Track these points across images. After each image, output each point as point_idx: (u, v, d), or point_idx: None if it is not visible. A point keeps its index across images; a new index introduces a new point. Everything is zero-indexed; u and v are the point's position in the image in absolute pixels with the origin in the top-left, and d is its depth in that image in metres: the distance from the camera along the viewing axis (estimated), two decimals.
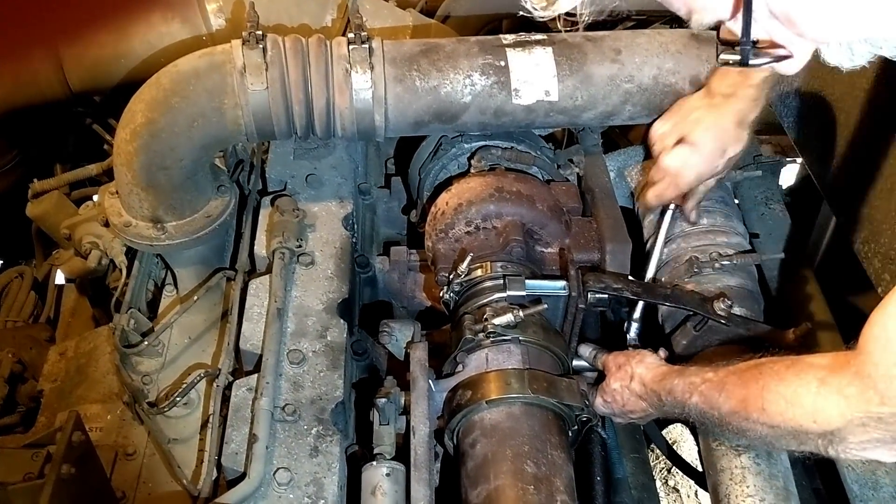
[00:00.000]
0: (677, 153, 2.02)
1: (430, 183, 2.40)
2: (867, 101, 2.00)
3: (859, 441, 1.31)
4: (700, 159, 2.00)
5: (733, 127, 1.97)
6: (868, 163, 1.97)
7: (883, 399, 1.24)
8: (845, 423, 1.30)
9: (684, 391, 1.61)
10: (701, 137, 1.99)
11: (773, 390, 1.41)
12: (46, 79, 2.62)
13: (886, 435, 1.28)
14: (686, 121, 2.03)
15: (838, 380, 1.30)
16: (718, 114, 1.97)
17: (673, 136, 2.04)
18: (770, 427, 1.43)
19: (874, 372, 1.24)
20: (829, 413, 1.31)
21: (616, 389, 1.82)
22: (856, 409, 1.27)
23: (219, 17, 2.60)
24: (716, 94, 1.98)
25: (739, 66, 1.17)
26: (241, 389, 1.82)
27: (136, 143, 1.94)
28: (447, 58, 2.07)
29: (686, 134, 2.01)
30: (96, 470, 1.75)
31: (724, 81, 1.95)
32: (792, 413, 1.37)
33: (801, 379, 1.37)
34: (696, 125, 2.00)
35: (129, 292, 2.21)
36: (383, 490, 1.66)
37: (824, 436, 1.34)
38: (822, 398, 1.32)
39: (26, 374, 2.46)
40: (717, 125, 1.97)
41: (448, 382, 1.87)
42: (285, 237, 2.05)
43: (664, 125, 2.09)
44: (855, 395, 1.27)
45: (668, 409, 1.70)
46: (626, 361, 1.83)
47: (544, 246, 2.17)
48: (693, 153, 2.00)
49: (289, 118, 2.01)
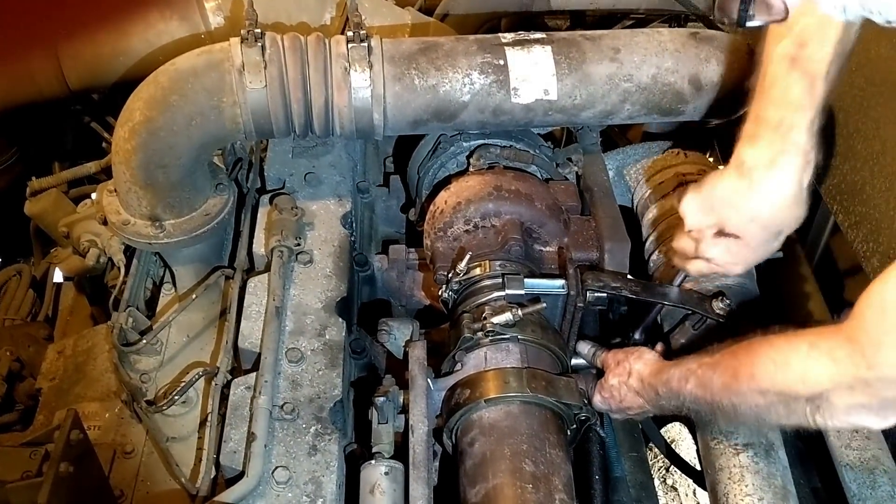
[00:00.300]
0: (723, 248, 1.70)
1: (428, 181, 2.40)
2: (866, 99, 2.00)
3: (846, 405, 1.31)
4: (750, 252, 1.70)
5: (790, 203, 1.59)
6: (867, 161, 1.98)
7: (870, 363, 1.25)
8: (833, 386, 1.31)
9: (680, 378, 1.61)
10: (746, 230, 1.64)
11: (764, 355, 1.42)
12: (45, 77, 2.62)
13: (872, 400, 1.29)
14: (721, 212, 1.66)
15: (828, 343, 1.31)
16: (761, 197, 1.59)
17: (711, 228, 1.70)
18: (759, 393, 1.43)
19: (864, 337, 1.25)
20: (818, 375, 1.32)
21: (614, 385, 1.82)
22: (844, 371, 1.28)
23: (217, 15, 2.60)
24: (752, 170, 1.58)
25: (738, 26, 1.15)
26: (239, 388, 1.82)
27: (135, 142, 1.94)
28: (446, 56, 2.07)
29: (725, 224, 1.67)
30: (95, 468, 1.75)
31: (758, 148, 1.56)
32: (782, 376, 1.38)
33: (792, 343, 1.38)
34: (736, 214, 1.63)
35: (128, 290, 2.21)
36: (382, 489, 1.66)
37: (812, 400, 1.34)
38: (813, 360, 1.33)
39: (24, 373, 2.46)
40: (763, 212, 1.61)
41: (447, 381, 1.88)
42: (284, 235, 2.05)
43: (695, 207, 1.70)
44: (844, 357, 1.28)
45: (664, 404, 1.70)
46: (624, 358, 1.83)
47: (543, 245, 2.17)
48: (741, 247, 1.68)
49: (287, 116, 2.01)
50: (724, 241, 1.69)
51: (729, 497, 1.77)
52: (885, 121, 1.92)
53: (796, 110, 1.52)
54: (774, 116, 1.53)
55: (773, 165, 1.55)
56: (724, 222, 1.66)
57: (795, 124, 1.52)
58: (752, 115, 1.58)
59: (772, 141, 1.54)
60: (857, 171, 2.02)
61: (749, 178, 1.58)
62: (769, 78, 1.54)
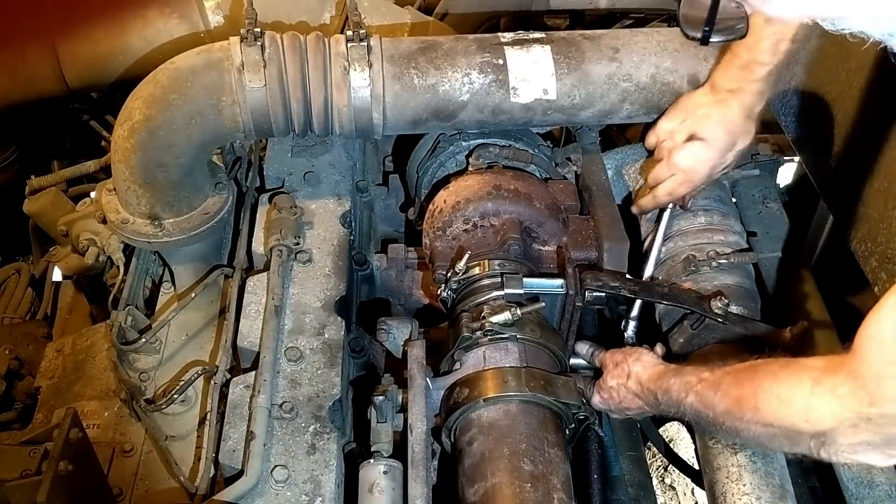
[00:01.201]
0: (690, 149, 2.03)
1: (427, 181, 2.40)
2: (864, 100, 2.01)
3: (850, 443, 1.31)
4: (713, 154, 2.01)
5: (742, 120, 1.98)
6: (865, 162, 1.98)
7: (872, 400, 1.24)
8: (836, 424, 1.30)
9: (680, 391, 1.62)
10: (712, 132, 2.00)
11: (768, 389, 1.41)
12: (44, 75, 2.61)
13: (876, 437, 1.28)
14: (694, 117, 2.03)
15: (832, 380, 1.31)
16: (726, 108, 1.98)
17: (682, 133, 2.04)
18: (763, 426, 1.43)
19: (866, 372, 1.25)
20: (822, 413, 1.31)
21: (613, 387, 1.83)
22: (847, 409, 1.28)
23: (217, 13, 2.60)
24: (720, 90, 1.98)
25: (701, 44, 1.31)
26: (238, 387, 1.83)
27: (134, 140, 1.94)
28: (445, 56, 2.07)
29: (696, 130, 2.02)
30: (94, 467, 1.75)
31: (728, 77, 1.96)
32: (785, 412, 1.37)
33: (796, 378, 1.37)
34: (705, 120, 2.01)
35: (127, 289, 2.21)
36: (381, 488, 1.67)
37: (816, 437, 1.34)
38: (816, 398, 1.32)
39: (23, 371, 2.45)
40: (726, 119, 1.98)
41: (445, 380, 1.88)
42: (283, 234, 2.05)
43: (670, 123, 2.08)
44: (847, 395, 1.27)
45: (663, 408, 1.71)
46: (623, 359, 1.83)
47: (542, 244, 2.17)
48: (706, 148, 2.01)
49: (287, 116, 2.01)
50: (692, 144, 2.02)
51: (727, 496, 1.77)
52: (883, 121, 1.92)
53: (759, 59, 1.86)
54: (744, 57, 1.90)
55: (736, 91, 1.96)
56: (694, 128, 2.02)
57: (756, 71, 1.89)
58: (730, 49, 1.94)
59: (738, 76, 1.94)
60: (855, 172, 2.02)
61: (718, 95, 2.00)
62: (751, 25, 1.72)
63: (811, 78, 2.19)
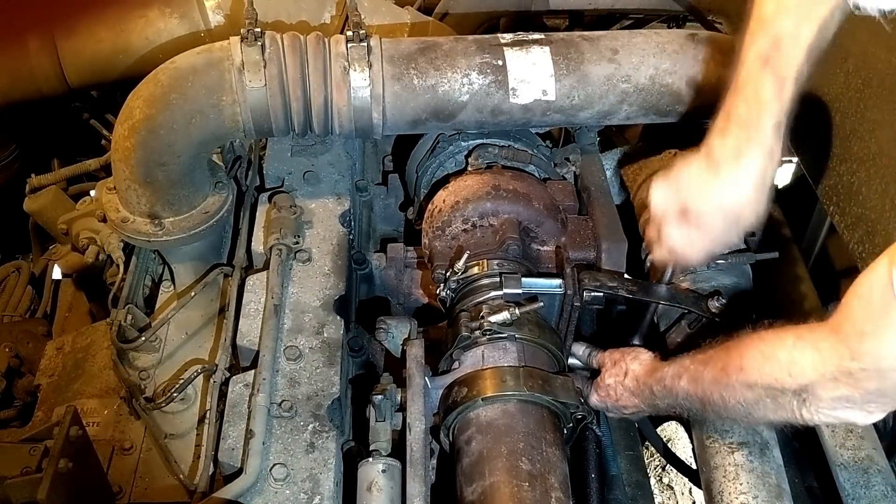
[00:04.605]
0: (683, 233, 1.71)
1: (427, 180, 2.41)
2: (862, 101, 2.01)
3: (830, 398, 1.33)
4: (708, 241, 1.70)
5: (750, 197, 1.61)
6: (863, 163, 1.98)
7: (854, 354, 1.26)
8: (817, 377, 1.32)
9: (674, 376, 1.64)
10: (707, 217, 1.66)
11: (752, 347, 1.44)
12: (44, 74, 2.62)
13: (855, 393, 1.30)
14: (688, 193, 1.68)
15: (814, 335, 1.33)
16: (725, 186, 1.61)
17: (672, 211, 1.72)
18: (748, 387, 1.44)
19: (849, 328, 1.26)
20: (803, 366, 1.34)
21: (610, 385, 1.84)
22: (828, 362, 1.30)
23: (217, 13, 2.60)
24: (720, 164, 1.61)
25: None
26: (237, 385, 1.83)
27: (134, 140, 1.95)
28: (445, 56, 2.08)
29: (688, 208, 1.68)
30: (93, 464, 1.76)
31: (727, 145, 1.60)
32: (769, 368, 1.39)
33: (779, 335, 1.40)
34: (699, 199, 1.66)
35: (127, 288, 2.22)
36: (379, 486, 1.67)
37: (798, 393, 1.36)
38: (798, 351, 1.35)
39: (23, 369, 2.46)
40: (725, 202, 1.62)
41: (444, 379, 1.88)
42: (282, 234, 2.05)
43: (661, 191, 1.75)
44: (828, 348, 1.30)
45: (658, 403, 1.72)
46: (621, 358, 1.85)
47: (540, 244, 2.17)
48: (699, 236, 1.70)
49: (287, 115, 2.02)
50: (684, 229, 1.71)
51: (723, 495, 1.78)
52: (881, 122, 1.93)
53: (765, 110, 1.56)
54: (744, 113, 1.57)
55: (738, 158, 1.59)
56: (687, 208, 1.68)
57: (763, 123, 1.56)
58: (724, 109, 1.61)
59: (739, 136, 1.58)
60: (853, 173, 2.03)
61: (715, 167, 1.62)
62: (743, 76, 1.57)
63: (809, 79, 2.20)
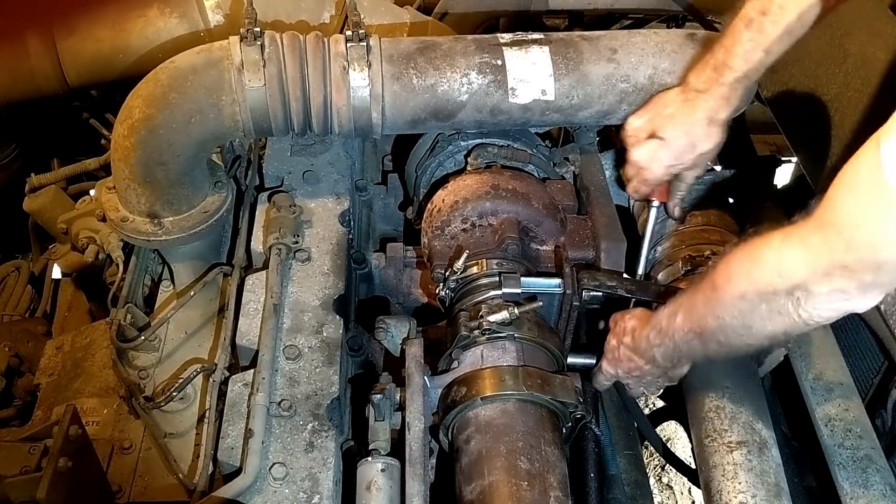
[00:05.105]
0: (646, 147, 2.00)
1: (426, 180, 2.41)
2: (861, 101, 2.02)
3: (826, 292, 1.29)
4: (668, 154, 1.97)
5: (704, 124, 1.93)
6: None
7: (848, 246, 1.22)
8: (809, 274, 1.28)
9: (669, 316, 1.63)
10: (670, 132, 1.96)
11: (738, 255, 1.42)
12: (44, 73, 2.62)
13: (851, 284, 1.26)
14: (660, 115, 1.99)
15: (801, 231, 1.30)
16: (690, 109, 1.93)
17: (645, 130, 2.01)
18: (740, 297, 1.41)
19: (840, 220, 1.22)
20: (793, 264, 1.30)
21: (614, 346, 1.86)
22: (819, 257, 1.26)
23: (217, 13, 2.60)
24: (690, 89, 1.94)
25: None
26: (237, 385, 1.83)
27: (134, 139, 1.95)
28: (444, 56, 2.08)
29: (657, 128, 1.98)
30: (93, 464, 1.76)
31: (700, 76, 1.91)
32: (758, 272, 1.36)
33: (765, 238, 1.37)
34: (668, 120, 1.97)
35: (126, 287, 2.22)
36: (378, 486, 1.67)
37: (791, 293, 1.32)
38: (786, 250, 1.31)
39: (23, 368, 2.46)
40: (687, 120, 1.94)
41: (443, 379, 1.89)
42: (282, 233, 2.05)
43: (639, 119, 2.05)
44: (818, 243, 1.26)
45: (656, 355, 1.72)
46: (620, 317, 1.87)
47: (540, 244, 2.18)
48: (661, 147, 1.97)
49: (286, 115, 2.02)
50: (649, 142, 1.99)
51: (722, 494, 1.78)
52: (880, 122, 1.93)
53: (731, 64, 1.83)
54: (719, 59, 1.85)
55: (703, 93, 1.91)
56: (657, 126, 1.98)
57: (726, 75, 1.85)
58: (712, 46, 1.89)
59: (709, 77, 1.89)
60: None
61: (687, 94, 1.95)
62: (731, 27, 1.81)
63: (808, 79, 2.20)
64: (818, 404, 1.93)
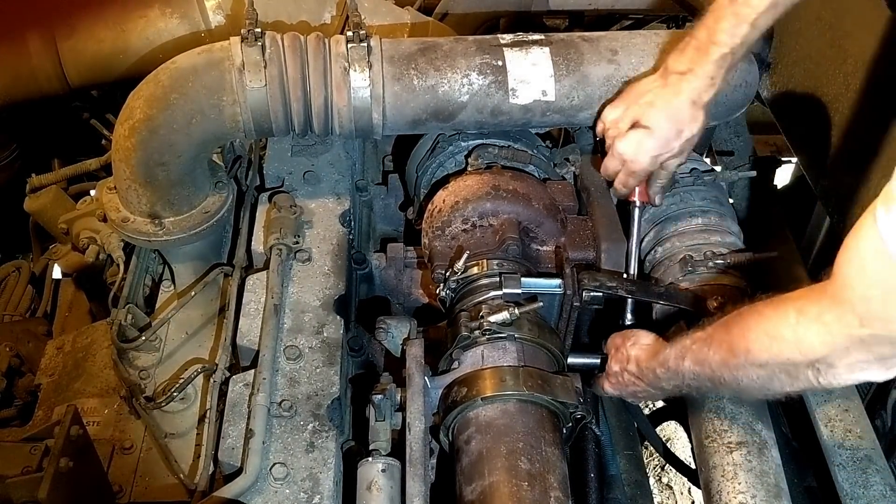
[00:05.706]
0: (631, 138, 1.93)
1: (427, 180, 2.41)
2: (861, 102, 2.02)
3: (847, 364, 1.30)
4: (654, 143, 1.91)
5: (688, 106, 1.87)
6: (862, 163, 1.99)
7: (862, 321, 1.22)
8: (829, 351, 1.29)
9: (677, 358, 1.63)
10: (655, 120, 1.89)
11: (755, 329, 1.41)
12: (45, 73, 2.62)
13: (870, 356, 1.27)
14: (639, 104, 1.93)
15: (815, 308, 1.30)
16: (672, 93, 1.87)
17: (626, 121, 1.95)
18: (759, 367, 1.42)
19: (850, 295, 1.23)
20: (812, 342, 1.31)
21: (616, 371, 1.86)
22: (836, 334, 1.27)
23: (217, 13, 2.60)
24: (671, 73, 1.88)
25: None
26: (237, 385, 1.84)
27: (135, 139, 1.95)
28: (445, 57, 2.08)
29: (639, 117, 1.92)
30: (94, 464, 1.76)
31: (681, 59, 1.86)
32: (777, 348, 1.37)
33: (780, 312, 1.37)
34: (649, 107, 1.90)
35: (127, 287, 2.22)
36: (379, 486, 1.68)
37: (812, 365, 1.33)
38: (803, 328, 1.32)
39: (24, 368, 2.46)
40: (670, 105, 1.88)
41: (444, 379, 1.89)
42: (282, 233, 2.06)
43: (616, 110, 1.99)
44: (833, 320, 1.26)
45: (664, 385, 1.72)
46: (622, 343, 1.86)
47: (540, 244, 2.18)
48: (647, 137, 1.91)
49: (287, 115, 2.02)
50: (633, 133, 1.92)
51: (722, 494, 1.78)
52: (880, 123, 1.93)
53: (716, 42, 1.79)
54: (701, 38, 1.82)
55: (686, 74, 1.86)
56: (638, 115, 1.92)
57: (710, 52, 1.80)
58: (691, 30, 1.86)
59: (692, 57, 1.84)
60: (852, 174, 2.03)
61: (667, 79, 1.89)
62: (714, 5, 1.79)
63: (808, 79, 2.21)
64: (818, 404, 1.93)
